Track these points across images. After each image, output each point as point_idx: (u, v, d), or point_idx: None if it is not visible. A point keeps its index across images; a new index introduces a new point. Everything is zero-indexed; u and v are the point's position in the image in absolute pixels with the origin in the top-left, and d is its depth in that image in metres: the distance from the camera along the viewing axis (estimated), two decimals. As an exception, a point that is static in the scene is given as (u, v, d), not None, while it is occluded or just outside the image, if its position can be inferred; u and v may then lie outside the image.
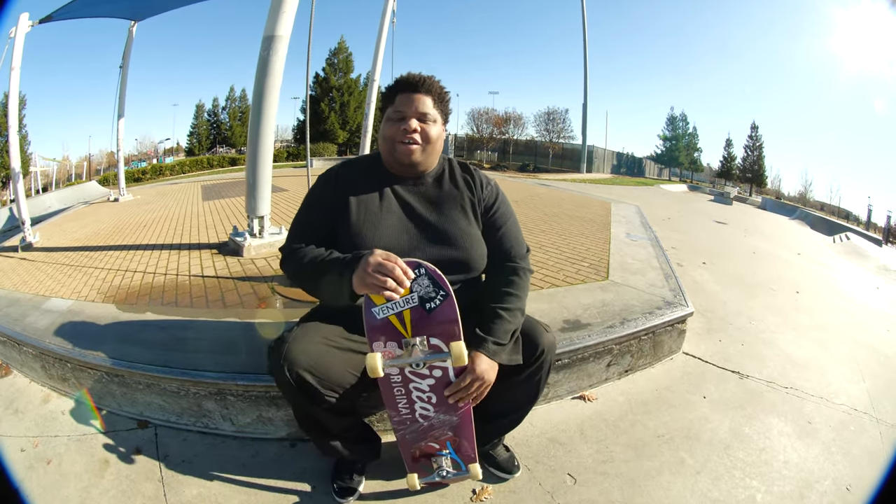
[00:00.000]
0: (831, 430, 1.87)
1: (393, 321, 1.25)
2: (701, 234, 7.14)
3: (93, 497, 1.53)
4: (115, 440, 1.82)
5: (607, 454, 1.73)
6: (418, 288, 1.23)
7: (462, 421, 1.38)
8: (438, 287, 1.24)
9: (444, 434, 1.41)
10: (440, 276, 1.23)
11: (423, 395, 1.34)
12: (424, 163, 1.45)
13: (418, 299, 1.24)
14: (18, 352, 2.29)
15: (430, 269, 1.23)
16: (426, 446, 1.43)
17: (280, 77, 3.70)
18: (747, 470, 1.64)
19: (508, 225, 1.51)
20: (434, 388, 1.33)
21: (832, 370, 2.39)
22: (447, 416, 1.37)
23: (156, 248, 4.26)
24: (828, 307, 3.65)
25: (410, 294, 1.23)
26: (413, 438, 1.42)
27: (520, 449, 1.73)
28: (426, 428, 1.39)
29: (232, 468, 1.68)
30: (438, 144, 1.46)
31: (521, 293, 1.42)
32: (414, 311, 1.24)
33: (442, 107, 1.44)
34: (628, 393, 2.13)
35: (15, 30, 5.11)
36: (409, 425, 1.39)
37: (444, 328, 1.25)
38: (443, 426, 1.39)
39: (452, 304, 1.24)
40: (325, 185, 1.49)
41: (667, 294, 2.72)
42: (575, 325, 2.22)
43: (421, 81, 1.41)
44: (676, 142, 35.33)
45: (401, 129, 1.39)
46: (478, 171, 1.56)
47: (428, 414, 1.37)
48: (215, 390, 1.83)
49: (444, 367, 1.30)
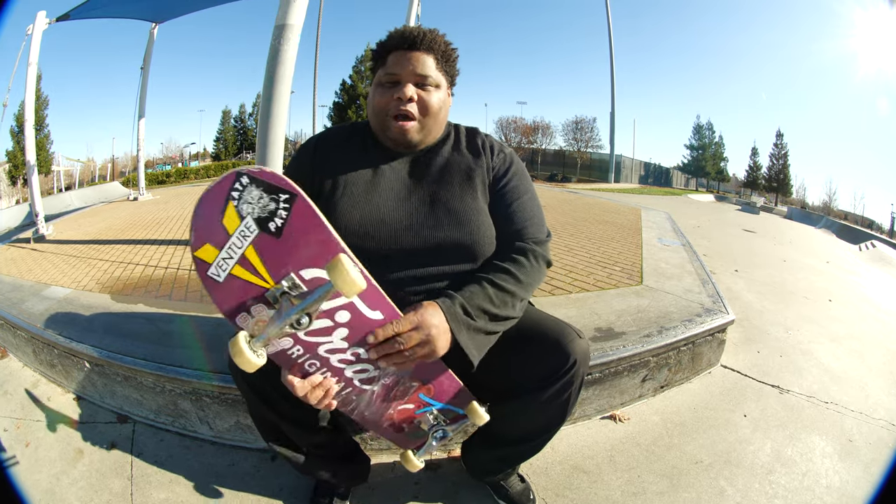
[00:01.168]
0: (871, 448, 1.75)
1: (240, 274, 0.86)
2: (731, 242, 6.94)
3: (62, 485, 1.49)
4: (93, 432, 1.76)
5: (639, 485, 1.51)
6: (250, 208, 0.84)
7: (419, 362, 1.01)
8: (276, 191, 0.84)
9: (408, 388, 1.04)
10: (271, 175, 0.83)
11: (345, 356, 0.95)
12: (425, 139, 1.18)
13: (256, 223, 0.84)
14: (13, 335, 2.32)
15: (253, 173, 0.84)
16: (398, 412, 1.08)
17: (292, 67, 3.58)
18: (790, 498, 1.47)
19: (523, 201, 1.19)
20: (354, 340, 0.94)
21: (870, 382, 2.27)
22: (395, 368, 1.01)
23: (164, 244, 4.22)
24: (861, 316, 3.50)
25: (243, 221, 0.84)
26: (375, 412, 1.05)
27: (537, 479, 1.51)
28: (381, 393, 1.03)
29: (205, 476, 1.54)
30: (442, 115, 1.18)
31: (523, 276, 1.08)
32: (258, 244, 0.85)
33: (447, 67, 1.16)
34: (664, 412, 1.91)
35: (32, 27, 5.18)
36: (357, 399, 1.02)
37: (309, 245, 0.84)
38: (400, 380, 1.02)
39: (306, 205, 0.84)
40: (299, 162, 1.21)
41: (705, 300, 2.49)
42: (608, 334, 1.98)
43: (420, 36, 1.11)
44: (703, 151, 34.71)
45: (394, 99, 1.11)
46: (490, 136, 1.28)
47: (369, 375, 0.99)
48: (190, 389, 1.68)
49: (345, 303, 0.90)
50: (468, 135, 1.27)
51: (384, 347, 0.94)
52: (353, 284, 0.77)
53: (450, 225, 1.11)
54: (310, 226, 0.85)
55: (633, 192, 18.74)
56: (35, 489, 1.48)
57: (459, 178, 1.17)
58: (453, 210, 1.12)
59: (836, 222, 16.21)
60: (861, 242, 10.43)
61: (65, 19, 5.69)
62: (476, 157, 1.21)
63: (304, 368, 0.94)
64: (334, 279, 0.77)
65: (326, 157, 1.19)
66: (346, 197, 1.12)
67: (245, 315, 0.88)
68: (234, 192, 0.84)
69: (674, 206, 10.67)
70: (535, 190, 1.25)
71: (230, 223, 0.84)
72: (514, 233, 1.16)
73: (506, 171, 1.21)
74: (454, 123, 1.30)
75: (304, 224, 0.84)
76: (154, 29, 7.73)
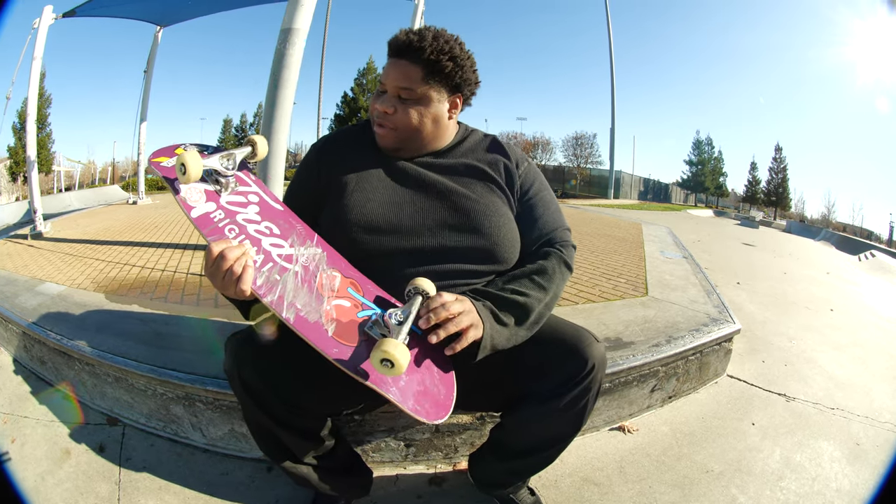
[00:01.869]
0: (878, 450, 1.77)
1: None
2: (732, 255, 6.97)
3: (47, 485, 1.44)
4: (82, 432, 1.71)
5: (650, 496, 1.47)
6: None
7: (332, 253, 1.04)
8: None
9: (331, 276, 1.00)
10: None
11: (261, 228, 1.00)
12: (410, 148, 1.16)
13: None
14: (5, 329, 2.30)
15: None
16: (337, 310, 0.96)
17: (297, 71, 3.57)
18: (802, 503, 1.47)
19: (552, 211, 1.20)
20: (263, 213, 1.04)
21: (874, 387, 2.30)
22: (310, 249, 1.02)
23: (161, 246, 4.18)
24: (862, 324, 3.54)
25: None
26: (308, 304, 0.93)
27: (547, 492, 1.46)
28: (303, 276, 0.97)
29: (196, 485, 1.47)
30: (429, 128, 1.13)
31: (547, 283, 1.07)
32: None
33: (442, 78, 1.09)
34: (672, 422, 1.88)
35: (38, 21, 5.19)
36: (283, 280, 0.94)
37: None
38: (318, 265, 1.00)
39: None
40: (307, 168, 1.20)
41: (711, 310, 2.47)
42: (616, 344, 1.94)
43: (406, 43, 1.06)
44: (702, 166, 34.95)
45: (374, 107, 1.11)
46: (510, 145, 1.25)
47: (286, 252, 0.99)
48: (183, 394, 1.62)
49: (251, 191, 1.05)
50: (489, 141, 1.25)
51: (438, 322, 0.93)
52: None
53: (464, 224, 1.09)
54: None
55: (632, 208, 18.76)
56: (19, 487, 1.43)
57: (476, 180, 1.16)
58: (469, 210, 1.10)
59: (835, 234, 16.20)
60: (860, 253, 10.43)
61: (71, 15, 5.71)
62: (497, 165, 1.19)
63: (224, 234, 0.98)
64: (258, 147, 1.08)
65: (336, 156, 1.18)
66: (358, 193, 1.10)
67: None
68: None
69: (674, 221, 10.72)
70: (556, 199, 1.26)
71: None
72: (545, 239, 1.17)
73: (532, 182, 1.21)
74: (472, 128, 1.27)
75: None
76: (159, 32, 7.75)
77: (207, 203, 1.00)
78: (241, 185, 1.06)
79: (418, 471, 1.57)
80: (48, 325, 2.03)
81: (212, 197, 1.02)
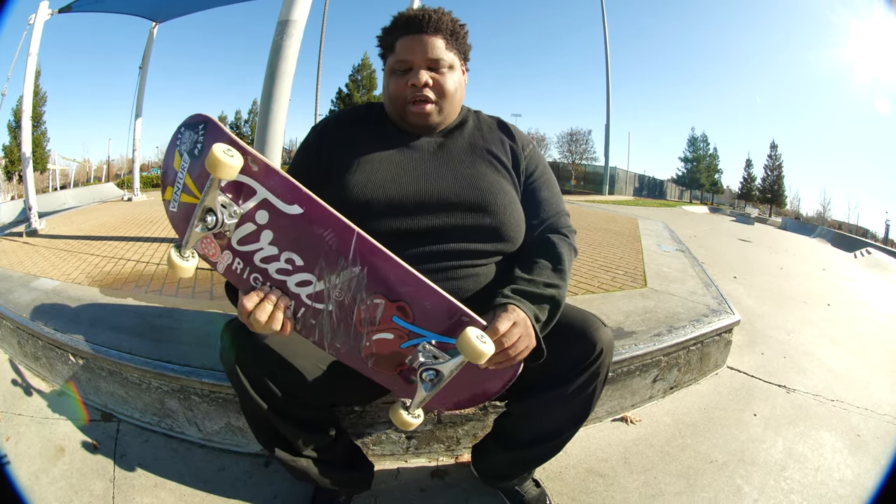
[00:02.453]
0: (879, 441, 1.78)
1: (186, 200, 0.91)
2: (728, 250, 6.95)
3: (41, 483, 1.43)
4: (76, 429, 1.69)
5: (656, 487, 1.46)
6: (184, 146, 0.92)
7: (376, 263, 0.85)
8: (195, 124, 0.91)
9: (375, 305, 0.87)
10: (195, 115, 0.92)
11: (281, 265, 0.88)
12: (445, 120, 1.16)
13: (187, 154, 0.91)
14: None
15: (185, 121, 0.93)
16: (377, 344, 0.91)
17: (294, 63, 3.53)
18: (805, 493, 1.47)
19: (554, 194, 1.19)
20: (279, 239, 0.87)
21: (872, 380, 2.32)
22: (345, 273, 0.86)
23: (156, 241, 4.15)
24: (858, 319, 3.55)
25: (182, 158, 0.92)
26: (347, 342, 0.91)
27: (551, 483, 1.44)
28: (339, 313, 0.88)
29: (192, 481, 1.45)
30: (459, 95, 1.15)
31: (564, 267, 1.06)
32: (190, 170, 0.90)
33: (458, 45, 1.13)
34: (675, 413, 1.88)
35: (34, 17, 5.15)
36: (318, 322, 0.90)
37: (208, 154, 0.79)
38: (356, 291, 0.86)
39: (215, 126, 0.88)
40: (307, 152, 1.17)
41: (710, 302, 2.46)
42: (618, 334, 1.93)
43: (426, 18, 1.08)
44: (697, 163, 35.01)
45: (409, 86, 1.08)
46: (516, 127, 1.24)
47: (315, 289, 0.88)
48: (178, 386, 1.59)
49: (258, 204, 0.86)
50: (494, 122, 1.25)
51: (498, 359, 0.89)
52: (220, 167, 0.77)
53: (471, 202, 1.07)
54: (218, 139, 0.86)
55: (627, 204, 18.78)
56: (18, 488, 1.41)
57: (482, 159, 1.15)
58: (477, 188, 1.08)
59: (830, 231, 16.28)
60: (856, 250, 10.44)
61: (67, 11, 5.68)
62: (503, 145, 1.19)
63: (250, 285, 0.91)
64: (211, 164, 0.78)
65: (337, 137, 1.16)
66: (360, 174, 1.08)
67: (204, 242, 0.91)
68: (177, 140, 0.94)
69: (669, 217, 10.72)
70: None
71: (176, 163, 0.94)
72: (549, 227, 1.15)
73: (537, 165, 1.21)
74: (474, 110, 1.26)
75: (213, 139, 0.87)
76: (154, 28, 7.70)
77: (224, 253, 0.90)
78: (245, 201, 0.86)
79: (420, 464, 1.55)
80: (42, 320, 2.01)
81: (225, 245, 0.90)
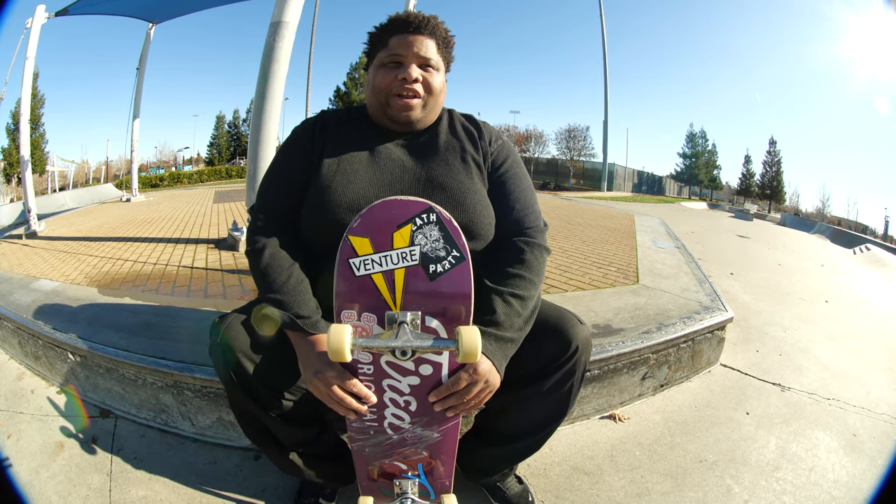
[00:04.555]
0: (875, 441, 1.75)
1: (377, 282, 0.91)
2: (725, 247, 6.95)
3: (41, 478, 1.46)
4: (75, 426, 1.73)
5: (642, 486, 1.46)
6: (423, 240, 0.90)
7: (444, 439, 1.04)
8: (452, 244, 0.90)
9: (416, 453, 1.06)
10: (455, 230, 0.90)
11: (399, 399, 0.98)
12: (424, 119, 1.17)
13: (420, 257, 0.90)
14: (0, 326, 2.30)
15: (443, 216, 0.90)
16: (389, 465, 1.08)
17: (286, 64, 3.56)
18: (798, 494, 1.45)
19: (522, 189, 1.18)
20: (417, 392, 0.97)
21: (870, 378, 2.28)
22: (426, 431, 1.02)
23: (154, 241, 4.19)
24: (857, 316, 3.53)
25: (410, 247, 0.90)
26: (374, 454, 1.06)
27: (536, 480, 1.45)
28: (395, 442, 1.04)
29: (185, 474, 1.48)
30: (441, 97, 1.18)
31: (535, 277, 1.07)
32: (410, 274, 0.90)
33: (446, 53, 1.17)
34: (664, 411, 1.87)
35: (31, 20, 5.16)
36: (373, 436, 1.03)
37: (450, 305, 0.90)
38: (417, 443, 1.04)
39: (467, 271, 0.90)
40: (294, 145, 1.18)
41: (703, 299, 2.46)
42: (605, 331, 1.93)
43: (424, 21, 1.12)
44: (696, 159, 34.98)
45: (398, 79, 1.10)
46: (486, 123, 1.26)
47: (401, 425, 1.01)
48: (171, 382, 1.62)
49: (439, 362, 0.94)
50: (465, 119, 1.26)
51: (449, 402, 0.97)
52: (472, 356, 0.81)
53: (445, 203, 1.07)
54: (459, 289, 0.91)
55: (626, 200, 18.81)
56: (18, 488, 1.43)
57: (455, 159, 1.16)
58: (449, 188, 1.10)
59: (830, 227, 16.22)
60: (855, 246, 10.47)
61: (63, 14, 5.69)
62: (473, 142, 1.20)
63: (359, 377, 0.98)
64: (461, 343, 0.81)
65: (325, 137, 1.17)
66: (341, 175, 1.10)
67: (352, 312, 0.93)
68: (418, 219, 0.91)
69: (667, 213, 10.74)
70: (530, 179, 1.25)
71: (399, 239, 0.91)
72: (513, 223, 1.14)
73: (504, 160, 1.21)
74: (448, 108, 1.28)
75: (455, 284, 0.91)
76: (151, 29, 7.70)
77: (366, 354, 0.95)
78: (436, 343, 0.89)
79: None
80: (42, 320, 2.05)
81: (377, 356, 0.96)
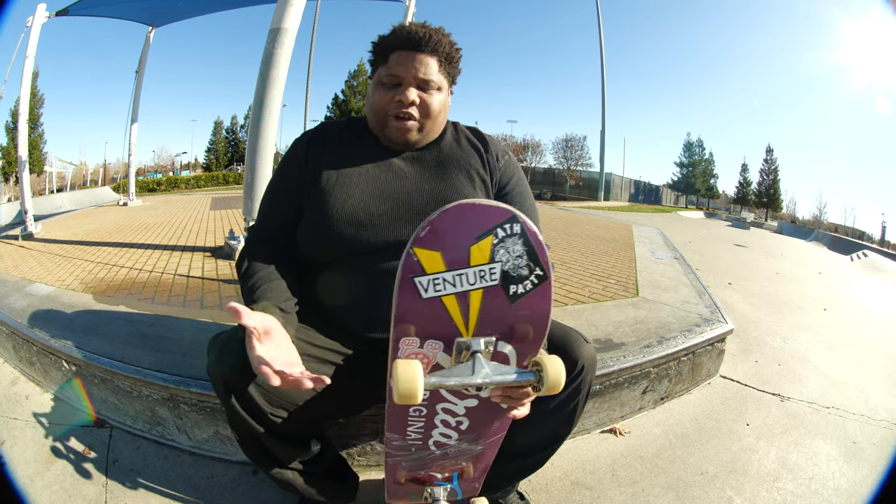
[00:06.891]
0: (875, 447, 1.77)
1: (448, 305, 0.77)
2: (723, 256, 6.99)
3: (35, 487, 1.44)
4: (69, 434, 1.70)
5: (643, 499, 1.45)
6: (505, 256, 0.76)
7: (486, 450, 1.00)
8: (535, 261, 0.77)
9: (456, 465, 1.02)
10: (540, 244, 0.78)
11: (451, 420, 0.91)
12: (423, 140, 1.15)
13: (501, 276, 0.77)
14: None
15: (528, 228, 0.76)
16: (425, 475, 1.05)
17: (285, 71, 3.56)
18: (799, 503, 1.46)
19: (527, 207, 1.17)
20: (472, 412, 0.90)
21: (869, 385, 2.30)
22: (471, 446, 0.98)
23: (150, 248, 4.16)
24: (856, 323, 3.56)
25: (490, 264, 0.76)
26: (411, 467, 1.03)
27: (537, 496, 1.44)
28: (436, 457, 0.99)
29: (182, 488, 1.45)
30: (442, 116, 1.15)
31: None
32: (489, 295, 0.77)
33: (449, 69, 1.13)
34: (665, 424, 1.86)
35: (32, 19, 5.17)
36: (413, 453, 0.98)
37: (527, 328, 0.80)
38: (459, 456, 1.00)
39: (548, 291, 0.80)
40: (292, 160, 1.16)
41: (703, 311, 2.46)
42: (607, 345, 1.92)
43: (425, 37, 1.07)
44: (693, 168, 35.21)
45: (395, 100, 1.08)
46: (492, 138, 1.25)
47: (447, 442, 0.96)
48: (167, 395, 1.59)
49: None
50: (471, 133, 1.24)
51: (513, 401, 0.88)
52: (556, 387, 0.74)
53: None
54: (539, 312, 0.80)
55: (623, 210, 18.86)
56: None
57: (460, 174, 1.15)
58: (452, 202, 1.08)
59: (827, 234, 16.27)
60: (852, 253, 10.55)
61: (64, 14, 5.70)
62: (480, 157, 1.18)
63: (408, 410, 0.91)
64: (547, 375, 0.74)
65: (321, 150, 1.15)
66: (340, 187, 1.09)
67: (413, 340, 0.80)
68: (500, 230, 0.76)
69: (664, 223, 10.80)
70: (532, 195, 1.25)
71: (477, 254, 0.76)
72: None
73: (511, 177, 1.20)
74: (453, 122, 1.26)
75: (536, 306, 0.80)
76: (150, 33, 7.72)
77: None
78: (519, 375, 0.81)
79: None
80: (37, 326, 2.02)
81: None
